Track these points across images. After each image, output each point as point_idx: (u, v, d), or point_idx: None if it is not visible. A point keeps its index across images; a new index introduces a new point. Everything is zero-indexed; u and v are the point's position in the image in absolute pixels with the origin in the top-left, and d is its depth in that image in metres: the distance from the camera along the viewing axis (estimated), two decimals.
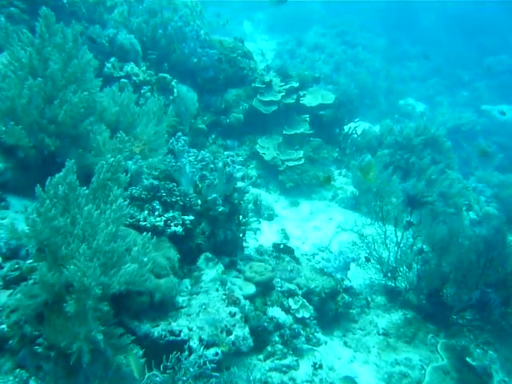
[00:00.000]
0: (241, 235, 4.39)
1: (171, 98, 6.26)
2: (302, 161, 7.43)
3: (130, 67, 6.10)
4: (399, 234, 5.20)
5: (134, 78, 6.10)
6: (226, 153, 4.21)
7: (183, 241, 3.75)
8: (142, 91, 6.08)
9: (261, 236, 5.60)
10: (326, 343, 4.09)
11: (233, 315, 3.24)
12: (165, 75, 6.28)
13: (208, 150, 6.81)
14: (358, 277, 5.04)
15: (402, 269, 4.90)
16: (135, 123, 4.78)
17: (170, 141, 4.30)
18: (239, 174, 4.51)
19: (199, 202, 3.97)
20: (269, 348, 3.60)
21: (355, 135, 9.06)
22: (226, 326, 3.12)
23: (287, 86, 7.93)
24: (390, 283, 4.93)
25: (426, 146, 8.20)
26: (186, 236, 3.77)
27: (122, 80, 5.94)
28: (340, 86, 13.72)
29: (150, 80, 6.20)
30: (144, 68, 6.26)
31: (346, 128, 9.18)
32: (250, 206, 5.95)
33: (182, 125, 6.28)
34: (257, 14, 21.57)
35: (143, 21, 6.75)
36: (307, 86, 8.97)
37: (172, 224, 3.58)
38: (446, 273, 4.54)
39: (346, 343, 4.20)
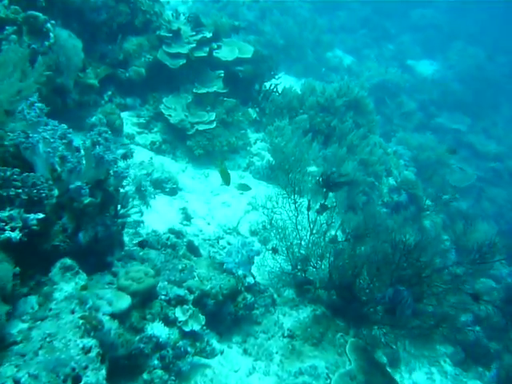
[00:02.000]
0: (119, 228, 3.58)
1: (46, 44, 5.03)
2: (214, 124, 6.59)
3: None
4: (313, 218, 4.67)
5: None
6: (96, 129, 3.27)
7: (31, 244, 2.89)
8: (6, 32, 4.80)
9: (156, 216, 4.84)
10: (221, 353, 3.53)
11: (87, 351, 2.50)
12: (36, 14, 4.98)
13: (101, 111, 5.75)
14: (266, 266, 4.49)
15: (313, 259, 4.40)
16: None
17: (19, 108, 3.28)
18: (119, 152, 3.65)
19: (55, 192, 3.07)
20: (144, 376, 2.95)
21: (276, 94, 8.31)
22: (73, 369, 2.38)
23: (198, 37, 6.89)
24: (300, 274, 4.44)
25: (348, 108, 7.68)
26: (38, 237, 2.91)
27: None
28: (265, 36, 12.83)
29: (16, 18, 4.90)
30: (6, 2, 4.92)
31: (266, 85, 8.40)
32: (148, 179, 5.14)
33: (63, 79, 5.13)
34: None
35: None
36: (224, 37, 7.98)
37: (7, 228, 2.68)
38: (359, 265, 4.11)
39: (245, 350, 3.67)
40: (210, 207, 5.55)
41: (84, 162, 3.26)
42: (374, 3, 20.44)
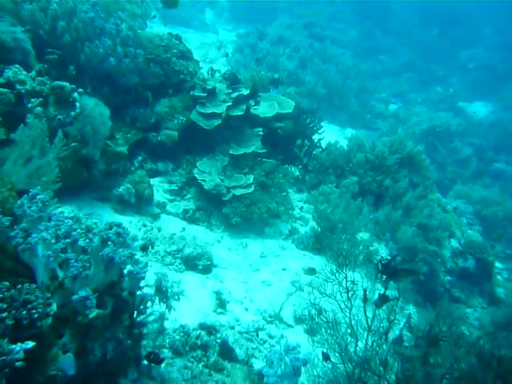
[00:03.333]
0: (134, 342, 2.94)
1: (72, 114, 4.70)
2: (252, 188, 6.00)
3: (12, 72, 4.51)
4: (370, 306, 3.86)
5: (19, 87, 4.53)
6: (106, 224, 2.73)
7: (18, 378, 2.29)
8: (30, 105, 4.51)
9: (185, 303, 4.18)
10: None
11: None
12: (63, 84, 4.69)
13: (129, 180, 5.31)
14: (315, 366, 3.68)
15: (374, 365, 3.56)
16: None
17: (19, 203, 2.79)
18: (136, 244, 3.09)
19: (53, 307, 2.50)
20: None
21: (319, 150, 7.70)
22: None
23: (235, 94, 6.46)
24: None
25: (401, 165, 6.91)
26: (29, 367, 2.32)
27: (0, 90, 4.38)
28: (306, 86, 12.44)
29: (42, 90, 4.62)
30: (34, 74, 4.66)
31: (309, 140, 7.83)
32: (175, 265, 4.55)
33: (88, 150, 4.74)
34: (220, 1, 19.84)
35: (40, 8, 5.13)
36: (263, 91, 7.56)
37: None
38: (435, 378, 3.23)
39: None
40: (248, 287, 4.85)
41: (92, 263, 2.70)
42: (418, 46, 19.90)
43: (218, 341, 3.72)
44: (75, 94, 4.69)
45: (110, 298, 2.79)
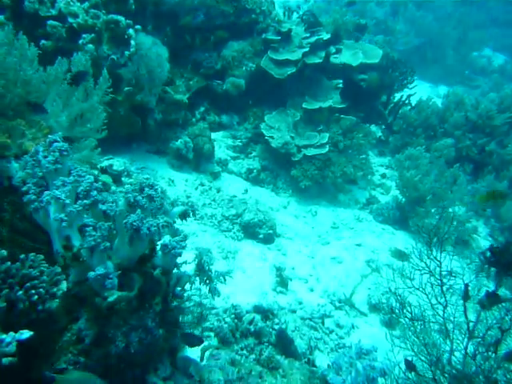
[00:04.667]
0: (168, 331, 2.41)
1: (126, 54, 4.14)
2: (327, 148, 5.20)
3: (64, 2, 4.04)
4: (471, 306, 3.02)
5: (71, 20, 4.06)
6: (136, 183, 2.17)
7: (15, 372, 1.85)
8: (81, 41, 4.03)
9: (241, 278, 3.63)
10: None
11: None
12: (117, 18, 4.12)
13: (188, 133, 4.76)
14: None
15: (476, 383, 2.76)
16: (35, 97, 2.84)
17: (33, 150, 2.28)
18: (176, 211, 2.52)
19: (62, 286, 2.00)
20: None
21: (408, 107, 6.60)
22: None
23: (313, 39, 5.55)
24: None
25: None
26: (30, 357, 1.88)
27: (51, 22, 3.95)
28: (396, 36, 10.99)
29: (94, 24, 4.10)
30: (87, 4, 4.14)
31: (397, 96, 6.75)
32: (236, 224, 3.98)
33: (143, 96, 4.21)
34: None
35: None
36: (347, 38, 6.54)
37: None
38: None
39: None
40: (314, 263, 4.17)
41: (117, 233, 2.16)
42: None
43: (276, 327, 3.13)
44: (130, 31, 4.12)
45: (139, 277, 2.25)
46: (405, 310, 3.15)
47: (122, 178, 3.84)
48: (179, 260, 2.36)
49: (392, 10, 11.35)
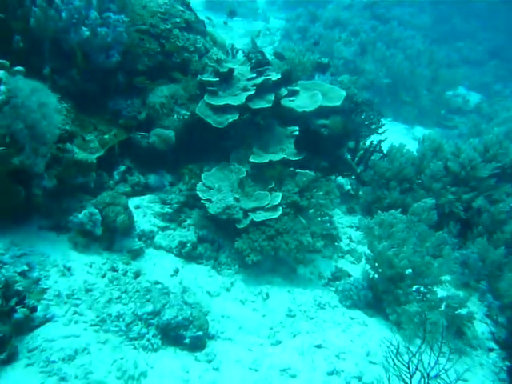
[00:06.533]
0: None
1: None
2: (280, 211, 4.19)
3: None
4: None
5: None
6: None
7: None
8: None
9: None
10: None
11: None
12: None
13: (97, 201, 3.70)
14: None
15: None
16: None
17: None
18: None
19: None
20: None
21: (380, 155, 5.72)
22: None
23: (259, 80, 4.66)
24: None
25: (501, 178, 4.76)
26: None
27: None
28: (366, 76, 10.37)
29: None
30: None
31: (367, 142, 5.89)
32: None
33: (23, 158, 3.17)
34: None
35: None
36: (306, 78, 5.74)
37: None
38: None
39: None
40: (258, 378, 3.04)
41: None
42: (504, 30, 16.92)
43: None
44: (1, 73, 3.13)
45: None
46: None
47: None
48: None
49: (360, 50, 10.78)
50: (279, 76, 4.79)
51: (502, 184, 4.67)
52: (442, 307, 3.61)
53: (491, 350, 3.68)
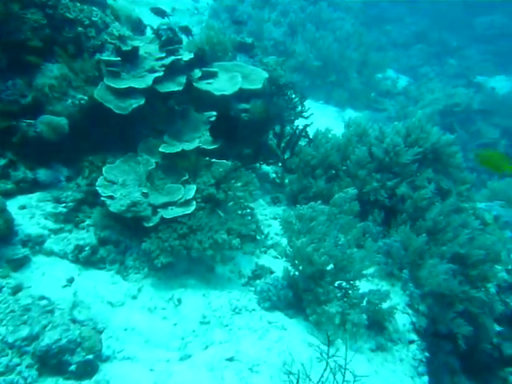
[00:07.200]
0: None
1: None
2: (194, 206, 3.79)
3: None
4: None
5: None
6: None
7: None
8: None
9: None
10: None
11: None
12: None
13: None
14: None
15: None
16: None
17: None
18: None
19: None
20: None
21: (305, 140, 5.45)
22: None
23: (169, 60, 4.17)
24: None
25: (423, 163, 4.65)
26: None
27: None
28: (296, 58, 10.11)
29: None
30: None
31: (292, 127, 5.59)
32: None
33: None
34: None
35: None
36: (226, 60, 5.34)
37: None
38: None
39: None
40: None
41: None
42: (429, 14, 17.38)
43: None
44: None
45: None
46: None
47: None
48: None
49: (290, 30, 10.48)
50: (192, 56, 4.33)
51: (423, 169, 4.55)
52: (364, 303, 3.40)
53: (411, 342, 3.54)
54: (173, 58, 4.14)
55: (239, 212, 4.13)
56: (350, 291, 3.47)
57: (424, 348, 3.60)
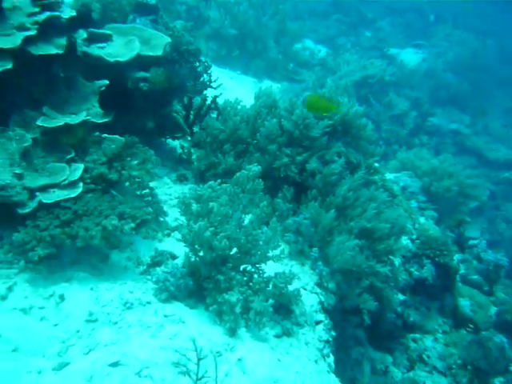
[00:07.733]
0: None
1: None
2: (80, 188, 3.33)
3: None
4: None
5: None
6: None
7: None
8: None
9: None
10: None
11: None
12: None
13: None
14: None
15: None
16: None
17: None
18: None
19: None
20: None
21: (214, 113, 5.12)
22: None
23: (43, 16, 3.56)
24: None
25: (332, 136, 4.52)
26: None
27: None
28: (210, 25, 9.58)
29: None
30: None
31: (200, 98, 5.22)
32: None
33: None
34: None
35: None
36: (124, 22, 4.79)
37: None
38: None
39: None
40: None
41: None
42: None
43: None
44: None
45: None
46: None
47: None
48: None
49: None
50: (74, 13, 3.74)
51: (333, 143, 4.42)
52: (270, 287, 3.22)
53: (318, 322, 3.45)
54: (48, 13, 3.53)
55: (137, 193, 3.75)
56: (255, 275, 3.26)
57: (331, 327, 3.53)
